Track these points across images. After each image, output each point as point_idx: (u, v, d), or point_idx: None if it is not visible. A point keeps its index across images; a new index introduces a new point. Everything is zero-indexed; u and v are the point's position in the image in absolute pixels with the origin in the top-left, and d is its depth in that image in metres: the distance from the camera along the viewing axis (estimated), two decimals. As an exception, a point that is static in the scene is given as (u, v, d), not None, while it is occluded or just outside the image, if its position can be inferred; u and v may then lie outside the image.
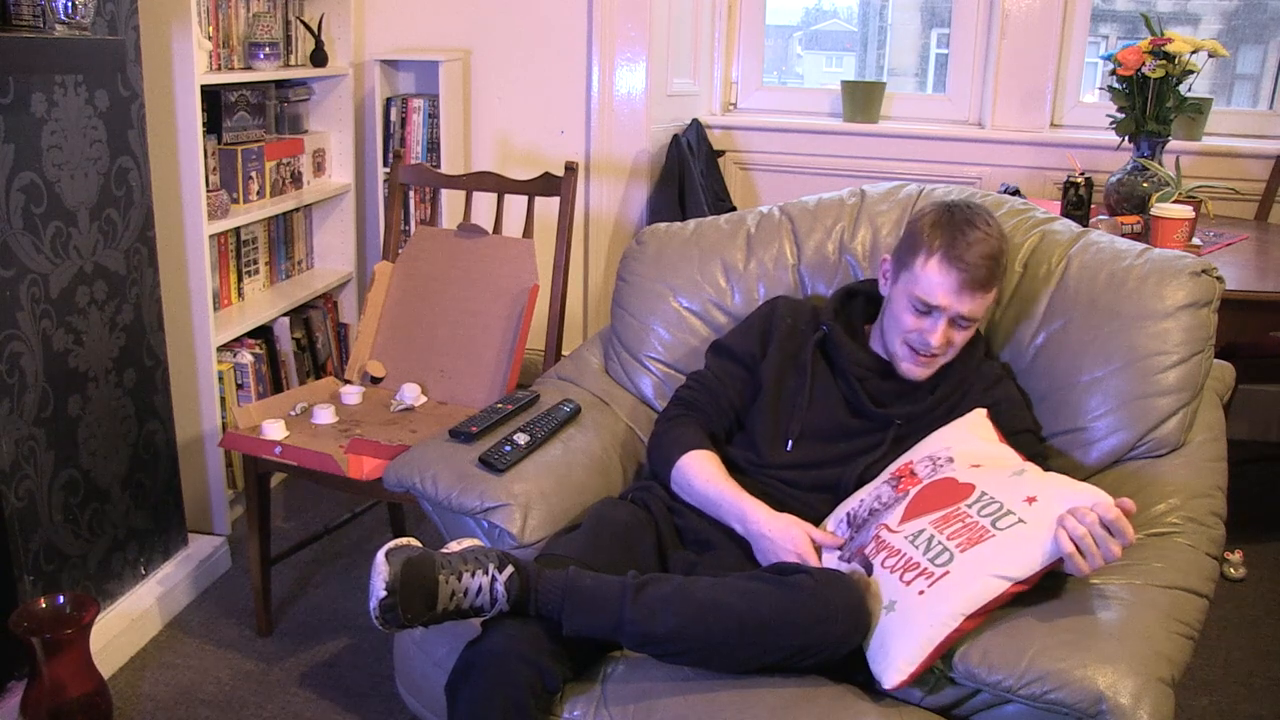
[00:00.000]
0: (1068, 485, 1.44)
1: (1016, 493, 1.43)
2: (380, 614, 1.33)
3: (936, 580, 1.38)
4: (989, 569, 1.36)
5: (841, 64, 4.01)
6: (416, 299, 2.45)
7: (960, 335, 1.67)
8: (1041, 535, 1.37)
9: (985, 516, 1.42)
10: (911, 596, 1.38)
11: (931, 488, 1.52)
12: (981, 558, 1.37)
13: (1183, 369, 1.68)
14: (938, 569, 1.39)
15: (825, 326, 1.78)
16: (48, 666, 1.80)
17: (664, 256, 2.08)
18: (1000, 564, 1.36)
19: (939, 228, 1.64)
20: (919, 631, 1.35)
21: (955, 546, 1.40)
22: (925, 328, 1.65)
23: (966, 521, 1.43)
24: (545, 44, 3.40)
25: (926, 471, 1.56)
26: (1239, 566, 2.61)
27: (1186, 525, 1.55)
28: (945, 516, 1.45)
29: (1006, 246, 1.69)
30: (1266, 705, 2.15)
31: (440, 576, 1.35)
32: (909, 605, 1.38)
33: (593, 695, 1.43)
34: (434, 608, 1.35)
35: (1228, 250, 2.62)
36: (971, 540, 1.40)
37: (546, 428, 1.83)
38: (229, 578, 2.53)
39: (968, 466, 1.53)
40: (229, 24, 2.76)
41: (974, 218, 1.64)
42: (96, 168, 2.07)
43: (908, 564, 1.42)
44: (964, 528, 1.42)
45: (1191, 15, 3.62)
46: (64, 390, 2.03)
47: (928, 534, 1.44)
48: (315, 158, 3.19)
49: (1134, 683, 1.24)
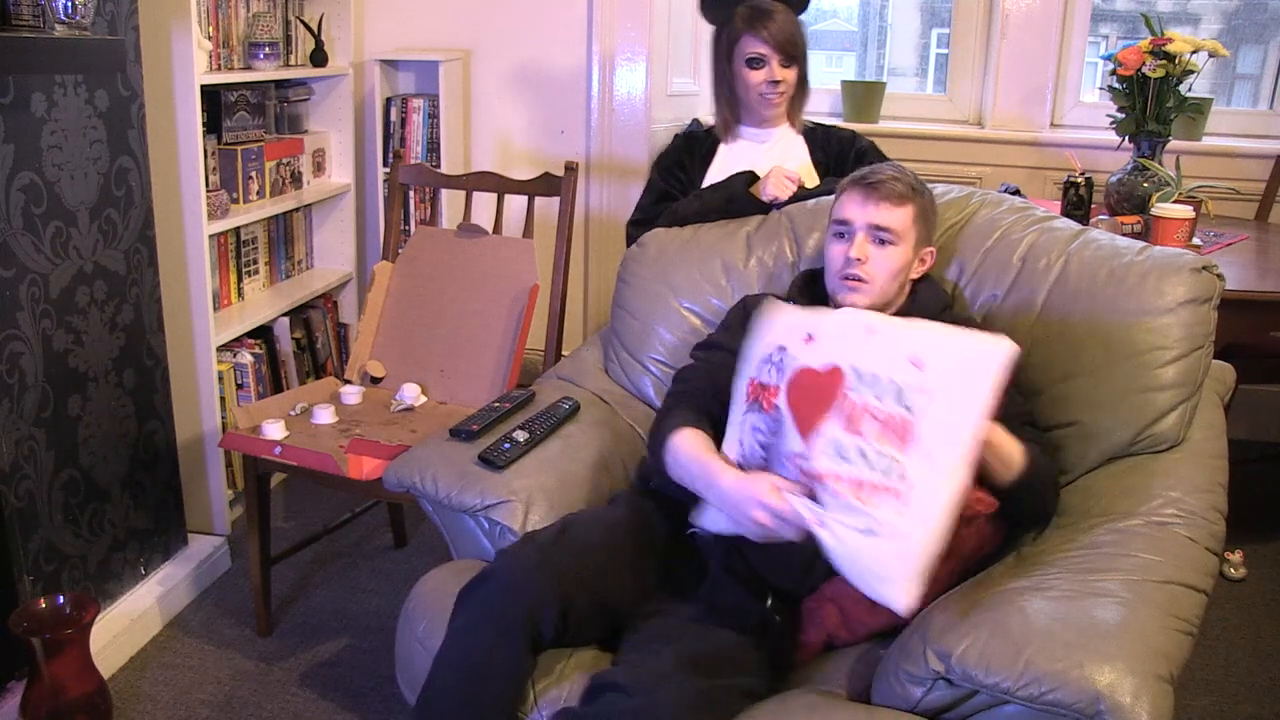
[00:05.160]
0: (943, 337, 1.38)
1: (893, 359, 1.37)
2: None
3: (907, 496, 1.32)
4: (940, 461, 1.32)
5: (841, 64, 4.01)
6: (416, 299, 2.45)
7: (883, 253, 1.69)
8: (959, 400, 1.32)
9: (890, 405, 1.35)
10: (890, 518, 1.32)
11: (794, 389, 1.44)
12: (926, 453, 1.32)
13: (1182, 364, 1.68)
14: (898, 484, 1.33)
15: (792, 304, 1.80)
16: (48, 666, 1.80)
17: (664, 258, 2.09)
18: (945, 450, 1.32)
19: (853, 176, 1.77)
20: (917, 551, 1.32)
21: (893, 449, 1.34)
22: (846, 249, 1.70)
23: (878, 416, 1.35)
24: (545, 44, 3.40)
25: (773, 376, 1.49)
26: (1239, 566, 2.61)
27: (1187, 518, 1.55)
28: (848, 417, 1.37)
29: (921, 187, 1.76)
30: (1266, 705, 2.15)
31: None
32: (892, 529, 1.33)
33: (557, 699, 1.45)
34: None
35: (1228, 250, 2.62)
36: (900, 435, 1.33)
37: (546, 425, 1.83)
38: (229, 578, 2.53)
39: (802, 343, 1.46)
40: (229, 24, 2.76)
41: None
42: (96, 168, 2.07)
43: (862, 485, 1.35)
44: (882, 426, 1.35)
45: (1191, 15, 3.62)
46: (64, 390, 2.03)
47: (854, 445, 1.36)
48: (315, 158, 3.19)
49: (1133, 681, 1.23)
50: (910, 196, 1.72)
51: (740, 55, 2.26)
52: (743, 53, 2.25)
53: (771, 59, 2.24)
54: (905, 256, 1.72)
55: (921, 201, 1.74)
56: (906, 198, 1.71)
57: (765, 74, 2.25)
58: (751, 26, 2.24)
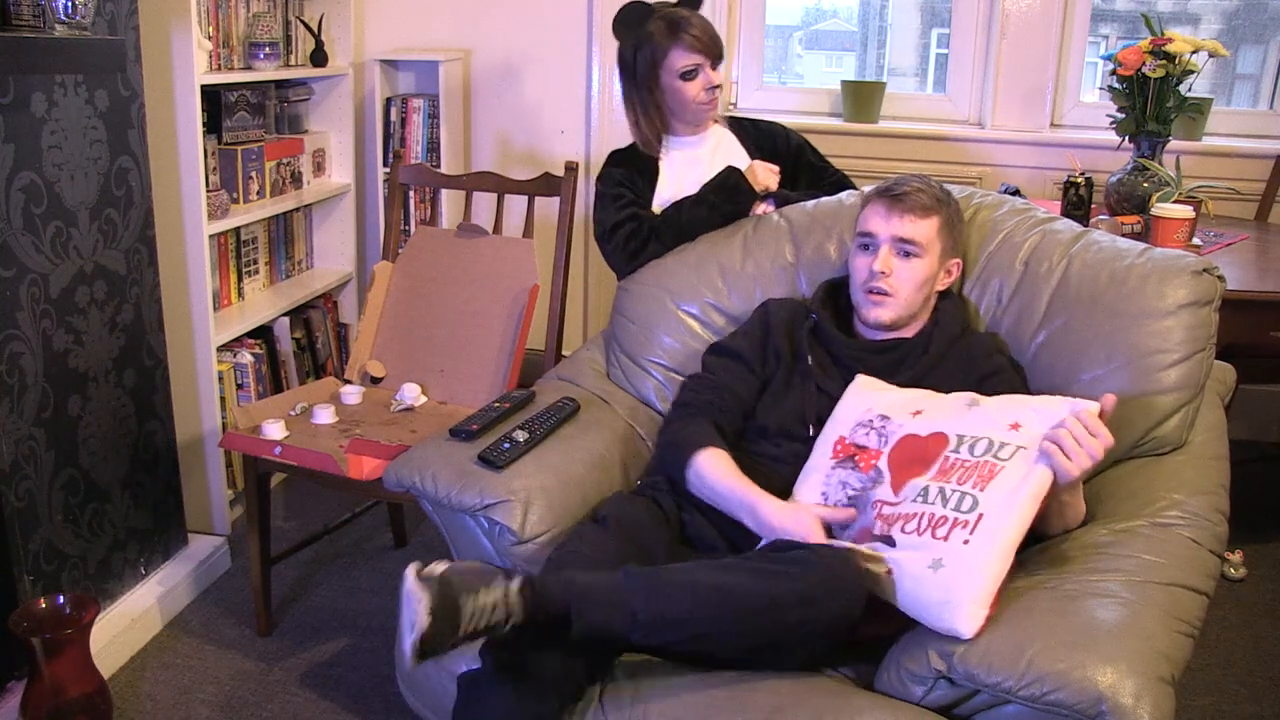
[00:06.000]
0: (1040, 402, 1.47)
1: (996, 424, 1.46)
2: (419, 647, 1.25)
3: (975, 525, 1.38)
4: (1017, 495, 1.39)
5: (841, 64, 4.00)
6: (416, 299, 2.45)
7: (908, 266, 1.71)
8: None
9: (982, 455, 1.44)
10: (956, 548, 1.38)
11: (899, 451, 1.52)
12: (1005, 487, 1.40)
13: (1184, 367, 1.68)
14: (969, 515, 1.39)
15: (814, 316, 1.83)
16: (48, 666, 1.80)
17: (661, 263, 2.11)
18: (1024, 486, 1.40)
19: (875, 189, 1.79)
20: (982, 572, 1.35)
21: (973, 489, 1.41)
22: (871, 262, 1.73)
23: (967, 465, 1.44)
24: (545, 44, 3.40)
25: (874, 440, 1.56)
26: (1239, 566, 2.61)
27: (1191, 520, 1.55)
28: (941, 470, 1.46)
29: (946, 198, 1.77)
30: (1267, 705, 2.15)
31: (461, 599, 1.29)
32: (959, 555, 1.37)
33: (589, 699, 1.42)
34: (457, 630, 1.29)
35: (1228, 250, 2.62)
36: (985, 478, 1.42)
37: (546, 425, 1.83)
38: (229, 578, 2.53)
39: (910, 416, 1.54)
40: (229, 24, 2.76)
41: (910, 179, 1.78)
42: (96, 168, 2.07)
43: (934, 521, 1.42)
44: (968, 471, 1.43)
45: (1191, 15, 3.61)
46: (64, 390, 2.03)
47: (936, 489, 1.44)
48: (315, 158, 3.19)
49: (1134, 683, 1.23)
50: (935, 208, 1.72)
51: (671, 71, 2.17)
52: (674, 68, 2.17)
53: (704, 66, 2.18)
54: (930, 269, 1.72)
55: (947, 212, 1.74)
56: (931, 209, 1.71)
57: (702, 81, 2.18)
58: (676, 38, 2.15)
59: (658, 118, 2.25)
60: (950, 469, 1.45)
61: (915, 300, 1.73)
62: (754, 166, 2.17)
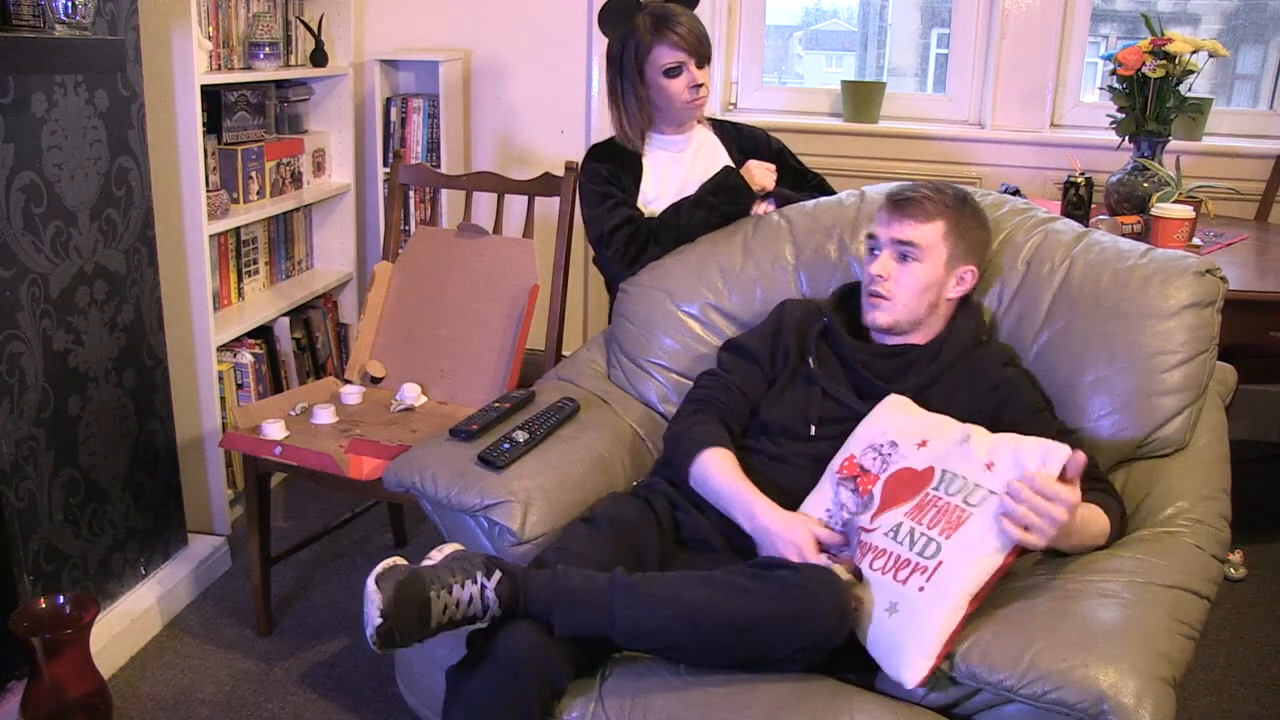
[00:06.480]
0: (1016, 444, 1.45)
1: (974, 462, 1.45)
2: (377, 640, 1.33)
3: (932, 574, 1.38)
4: (978, 548, 1.38)
5: (841, 64, 4.00)
6: (416, 299, 2.45)
7: (906, 270, 1.71)
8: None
9: (955, 495, 1.44)
10: (912, 594, 1.38)
11: (893, 481, 1.53)
12: (967, 540, 1.39)
13: (1187, 368, 1.68)
14: (929, 561, 1.39)
15: (826, 319, 1.83)
16: (48, 666, 1.80)
17: (661, 264, 2.11)
18: (987, 540, 1.38)
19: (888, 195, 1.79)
20: (930, 625, 1.35)
21: (939, 534, 1.41)
22: (873, 265, 1.75)
23: (939, 505, 1.44)
24: (545, 44, 3.40)
25: (877, 465, 1.57)
26: (1239, 567, 2.61)
27: (1195, 527, 1.55)
28: (918, 505, 1.46)
29: (959, 205, 1.75)
30: (1267, 705, 2.15)
31: (431, 593, 1.35)
32: (912, 603, 1.38)
33: (590, 695, 1.42)
34: (428, 625, 1.35)
35: (1228, 250, 2.62)
36: (951, 524, 1.41)
37: (546, 425, 1.83)
38: (229, 578, 2.53)
39: (915, 447, 1.54)
40: (229, 24, 2.76)
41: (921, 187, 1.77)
42: (96, 168, 2.07)
43: (898, 563, 1.42)
44: (939, 513, 1.43)
45: (1191, 15, 3.62)
46: (64, 390, 2.03)
47: (907, 527, 1.44)
48: (315, 158, 3.19)
49: (1136, 683, 1.23)
50: (939, 213, 1.71)
51: (655, 67, 2.17)
52: (658, 64, 2.17)
53: (689, 64, 2.17)
54: (932, 274, 1.72)
55: (956, 217, 1.73)
56: (935, 214, 1.71)
57: (686, 80, 2.18)
58: (661, 35, 2.15)
59: (642, 114, 2.25)
60: (925, 506, 1.45)
61: (916, 305, 1.73)
62: (750, 166, 2.17)
